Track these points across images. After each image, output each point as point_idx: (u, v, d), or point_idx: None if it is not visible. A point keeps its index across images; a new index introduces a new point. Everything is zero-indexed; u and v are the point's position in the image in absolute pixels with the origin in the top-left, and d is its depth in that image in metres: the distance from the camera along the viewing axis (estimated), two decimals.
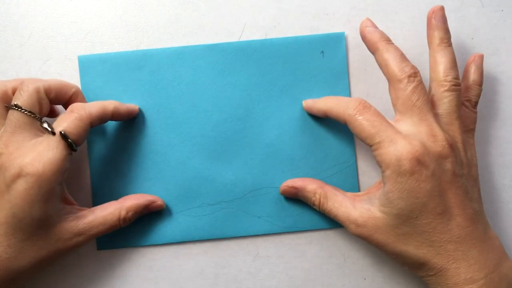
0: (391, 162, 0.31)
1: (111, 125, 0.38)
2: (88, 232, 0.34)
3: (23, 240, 0.32)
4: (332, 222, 0.38)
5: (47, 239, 0.32)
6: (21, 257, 0.32)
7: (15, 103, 0.32)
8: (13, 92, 0.34)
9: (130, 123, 0.38)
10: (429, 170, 0.31)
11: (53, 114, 0.37)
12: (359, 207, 0.34)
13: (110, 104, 0.35)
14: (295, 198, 0.37)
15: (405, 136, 0.31)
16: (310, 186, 0.36)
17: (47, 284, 0.37)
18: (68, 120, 0.32)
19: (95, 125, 0.34)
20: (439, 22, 0.35)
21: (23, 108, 0.32)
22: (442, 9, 0.35)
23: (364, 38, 0.35)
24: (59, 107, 0.38)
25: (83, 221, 0.33)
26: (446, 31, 0.35)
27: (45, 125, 0.32)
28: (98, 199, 0.38)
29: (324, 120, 0.38)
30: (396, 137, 0.31)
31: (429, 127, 0.32)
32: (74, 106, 0.33)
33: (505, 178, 0.39)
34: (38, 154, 0.31)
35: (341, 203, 0.34)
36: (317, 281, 0.38)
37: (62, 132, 0.32)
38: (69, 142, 0.32)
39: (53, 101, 0.34)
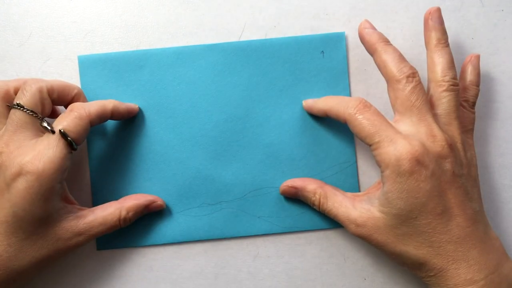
0: (391, 162, 0.31)
1: (111, 125, 0.38)
2: (88, 232, 0.34)
3: (23, 239, 0.32)
4: (332, 222, 0.38)
5: (47, 238, 0.32)
6: (21, 256, 0.32)
7: (18, 102, 0.32)
8: (15, 92, 0.34)
9: (130, 123, 0.38)
10: (428, 170, 0.31)
11: (54, 114, 0.37)
12: (359, 207, 0.34)
13: (109, 103, 0.35)
14: (295, 198, 0.37)
15: (405, 136, 0.31)
16: (310, 186, 0.36)
17: (47, 284, 0.37)
18: (67, 119, 0.32)
19: (95, 123, 0.34)
20: (436, 23, 0.35)
21: (25, 107, 0.32)
22: (438, 10, 0.35)
23: (362, 40, 0.35)
24: (61, 108, 0.38)
25: (83, 221, 0.33)
26: (443, 32, 0.35)
27: (45, 124, 0.32)
28: (98, 199, 0.38)
29: (324, 120, 0.38)
30: (396, 137, 0.31)
31: (428, 127, 0.32)
32: (73, 105, 0.33)
33: (505, 178, 0.39)
34: (38, 152, 0.31)
35: (341, 203, 0.34)
36: (317, 281, 0.38)
37: (62, 131, 0.32)
38: (68, 141, 0.32)
39: (55, 101, 0.35)
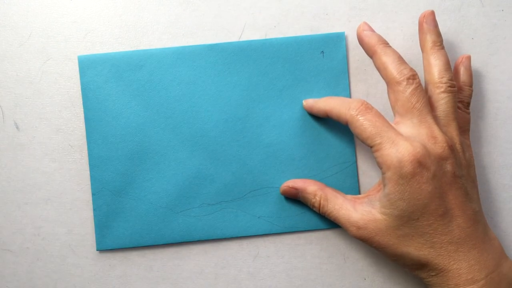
0: (393, 163, 0.31)
1: (111, 124, 0.38)
2: None
3: None
4: (332, 222, 0.38)
5: None
6: None
7: None
8: None
9: (130, 123, 0.38)
10: (430, 172, 0.31)
11: None
12: (360, 210, 0.34)
13: None
14: (295, 198, 0.37)
15: (407, 138, 0.31)
16: (311, 187, 0.36)
17: (47, 285, 0.37)
18: None
19: None
20: (430, 26, 0.35)
21: None
22: (432, 13, 0.36)
23: (361, 42, 0.35)
24: None
25: None
26: (438, 35, 0.35)
27: None
28: (98, 199, 0.38)
29: (324, 120, 0.38)
30: (398, 138, 0.31)
31: (429, 129, 0.32)
32: None
33: (505, 178, 0.39)
34: None
35: (341, 206, 0.34)
36: (317, 281, 0.38)
37: None
38: None
39: None
